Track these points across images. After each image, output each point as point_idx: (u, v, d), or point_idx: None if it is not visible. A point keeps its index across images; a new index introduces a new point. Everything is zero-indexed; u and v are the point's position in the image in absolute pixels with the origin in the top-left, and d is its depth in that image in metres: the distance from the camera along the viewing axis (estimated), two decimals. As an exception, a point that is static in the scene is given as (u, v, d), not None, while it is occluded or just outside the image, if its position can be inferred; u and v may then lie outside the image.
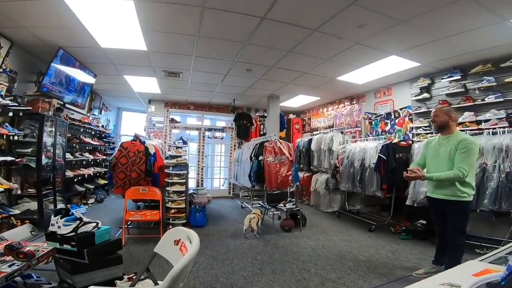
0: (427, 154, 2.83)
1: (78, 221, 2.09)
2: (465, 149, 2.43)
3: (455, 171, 2.41)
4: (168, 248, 1.44)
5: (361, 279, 2.70)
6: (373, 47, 3.82)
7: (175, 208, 4.19)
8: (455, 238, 2.52)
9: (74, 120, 5.39)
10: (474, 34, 3.29)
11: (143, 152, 4.14)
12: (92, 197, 6.04)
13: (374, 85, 5.74)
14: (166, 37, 3.70)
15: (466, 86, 4.24)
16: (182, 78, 5.53)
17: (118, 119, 9.31)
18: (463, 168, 2.39)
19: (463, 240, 2.53)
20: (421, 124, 4.87)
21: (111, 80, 5.84)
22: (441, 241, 2.80)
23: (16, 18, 3.22)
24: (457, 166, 2.41)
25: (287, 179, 4.82)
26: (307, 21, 3.19)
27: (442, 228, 2.70)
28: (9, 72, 3.63)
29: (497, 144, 3.21)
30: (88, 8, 2.99)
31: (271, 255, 3.33)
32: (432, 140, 2.86)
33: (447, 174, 2.44)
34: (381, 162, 4.40)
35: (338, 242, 3.87)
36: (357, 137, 6.30)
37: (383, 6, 2.82)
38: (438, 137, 2.78)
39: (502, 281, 0.81)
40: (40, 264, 1.85)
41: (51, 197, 4.18)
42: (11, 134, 3.37)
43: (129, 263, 2.82)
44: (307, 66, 4.70)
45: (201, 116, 8.36)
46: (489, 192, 3.15)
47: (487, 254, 1.32)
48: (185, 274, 1.10)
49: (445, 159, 2.56)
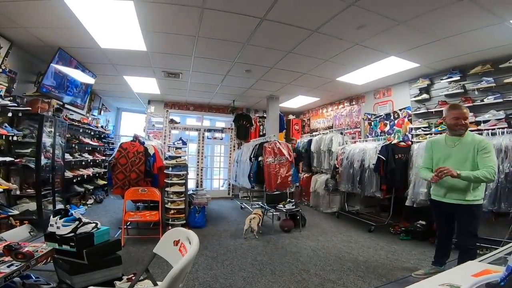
0: (435, 156, 2.65)
1: (77, 221, 2.08)
2: (487, 149, 2.36)
3: (489, 170, 2.27)
4: (168, 249, 1.44)
5: (361, 279, 2.70)
6: (373, 48, 3.83)
7: (174, 208, 4.18)
8: (467, 242, 2.42)
9: (74, 120, 5.38)
10: (473, 35, 3.30)
11: (142, 153, 4.13)
12: (91, 197, 6.03)
13: (374, 86, 5.75)
14: (166, 37, 3.70)
15: (465, 86, 4.25)
16: (181, 78, 5.53)
17: (117, 119, 9.31)
18: (493, 167, 2.29)
19: (474, 244, 2.43)
20: (421, 124, 4.88)
21: (110, 80, 5.83)
22: (441, 242, 2.77)
23: (15, 18, 3.22)
24: (488, 166, 2.29)
25: (287, 180, 4.82)
26: (306, 21, 3.20)
27: (446, 231, 2.66)
28: (9, 72, 3.63)
29: (496, 144, 3.20)
30: (88, 9, 2.99)
31: (270, 256, 3.33)
32: (436, 141, 2.73)
33: (483, 173, 2.27)
34: (381, 162, 4.41)
35: (337, 243, 3.86)
36: (357, 138, 6.31)
37: (383, 7, 2.82)
38: (444, 138, 2.65)
39: (502, 281, 0.80)
40: (39, 264, 1.85)
41: (50, 197, 4.17)
42: (10, 135, 3.37)
43: (128, 264, 2.81)
44: (307, 66, 4.71)
45: (200, 116, 8.36)
46: (488, 193, 3.14)
47: (487, 255, 1.32)
48: (184, 275, 1.10)
49: (463, 160, 2.42)
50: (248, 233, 4.04)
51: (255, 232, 4.03)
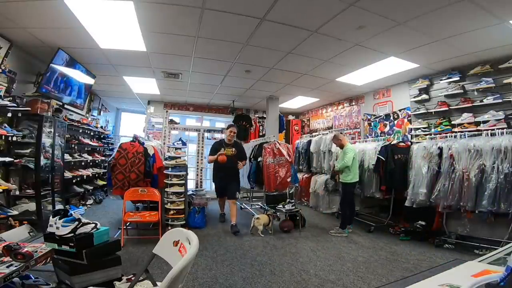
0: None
1: (76, 222, 2.07)
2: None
3: None
4: (167, 249, 1.43)
5: (360, 280, 2.70)
6: (372, 49, 3.84)
7: (174, 209, 4.18)
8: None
9: (73, 121, 5.38)
10: (473, 36, 3.30)
11: (142, 153, 4.13)
12: (91, 198, 6.02)
13: (373, 86, 5.76)
14: (166, 38, 3.71)
15: (465, 87, 4.25)
16: (181, 79, 5.53)
17: (117, 120, 9.31)
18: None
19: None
20: (420, 125, 4.88)
21: (110, 81, 5.84)
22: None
23: (15, 18, 3.22)
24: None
25: (286, 180, 4.82)
26: (306, 22, 3.20)
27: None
28: (8, 72, 3.63)
29: (495, 145, 3.21)
30: (87, 9, 2.99)
31: (270, 256, 3.33)
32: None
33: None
34: (380, 163, 4.41)
35: (337, 243, 3.86)
36: (356, 138, 6.31)
37: (383, 8, 2.83)
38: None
39: (501, 281, 0.80)
40: (38, 265, 1.84)
41: (50, 198, 4.16)
42: (9, 135, 3.36)
43: (128, 264, 2.81)
44: (307, 67, 4.71)
45: (200, 117, 8.36)
46: (487, 193, 3.15)
47: (486, 255, 1.32)
48: (184, 275, 1.10)
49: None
50: (253, 230, 4.22)
51: (259, 231, 4.15)
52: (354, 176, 4.30)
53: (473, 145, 3.39)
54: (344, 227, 4.30)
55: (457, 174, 3.44)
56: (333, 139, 4.64)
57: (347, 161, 4.18)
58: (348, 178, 4.26)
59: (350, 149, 4.34)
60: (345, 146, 4.39)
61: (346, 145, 4.40)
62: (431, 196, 3.68)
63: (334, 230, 4.33)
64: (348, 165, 4.20)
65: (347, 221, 4.38)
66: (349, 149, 4.33)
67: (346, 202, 4.41)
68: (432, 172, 3.75)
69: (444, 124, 4.46)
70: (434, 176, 3.73)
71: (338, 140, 4.48)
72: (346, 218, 4.40)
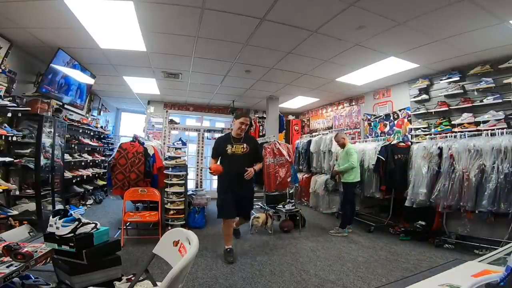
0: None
1: (76, 222, 2.07)
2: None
3: None
4: (167, 249, 1.43)
5: (360, 280, 2.70)
6: (372, 49, 3.83)
7: (174, 209, 4.18)
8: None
9: (73, 121, 5.38)
10: (473, 36, 3.30)
11: (142, 153, 4.13)
12: (91, 198, 6.02)
13: (373, 86, 5.76)
14: (166, 38, 3.70)
15: (465, 87, 4.25)
16: (181, 79, 5.53)
17: (117, 120, 9.31)
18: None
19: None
20: (420, 125, 4.88)
21: (110, 81, 5.83)
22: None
23: (15, 18, 3.22)
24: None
25: (286, 180, 4.81)
26: (306, 22, 3.20)
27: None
28: (8, 72, 3.63)
29: (495, 145, 3.21)
30: (87, 9, 2.99)
31: (270, 256, 3.33)
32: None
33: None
34: (380, 163, 4.41)
35: (337, 243, 3.86)
36: (356, 138, 6.31)
37: (383, 8, 2.83)
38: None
39: (501, 281, 0.81)
40: (38, 265, 1.84)
41: (50, 198, 4.16)
42: (9, 135, 3.36)
43: (128, 264, 2.81)
44: (307, 67, 4.71)
45: (200, 117, 8.36)
46: (487, 193, 3.15)
47: (486, 255, 1.32)
48: (184, 275, 1.10)
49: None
50: (253, 230, 4.25)
51: (256, 229, 4.19)
52: (356, 176, 4.33)
53: (473, 145, 3.39)
54: (344, 227, 4.31)
55: (457, 174, 3.45)
56: (336, 137, 4.67)
57: (353, 162, 4.22)
58: (351, 177, 4.29)
59: (354, 150, 4.38)
60: (347, 146, 4.41)
61: (347, 145, 4.42)
62: (431, 196, 3.67)
63: (334, 230, 4.33)
64: (355, 166, 4.26)
65: (347, 221, 4.39)
66: (353, 150, 4.37)
67: (347, 201, 4.42)
68: (432, 172, 3.75)
69: (444, 124, 4.46)
70: (434, 176, 3.73)
71: (342, 138, 4.51)
72: (346, 218, 4.41)
